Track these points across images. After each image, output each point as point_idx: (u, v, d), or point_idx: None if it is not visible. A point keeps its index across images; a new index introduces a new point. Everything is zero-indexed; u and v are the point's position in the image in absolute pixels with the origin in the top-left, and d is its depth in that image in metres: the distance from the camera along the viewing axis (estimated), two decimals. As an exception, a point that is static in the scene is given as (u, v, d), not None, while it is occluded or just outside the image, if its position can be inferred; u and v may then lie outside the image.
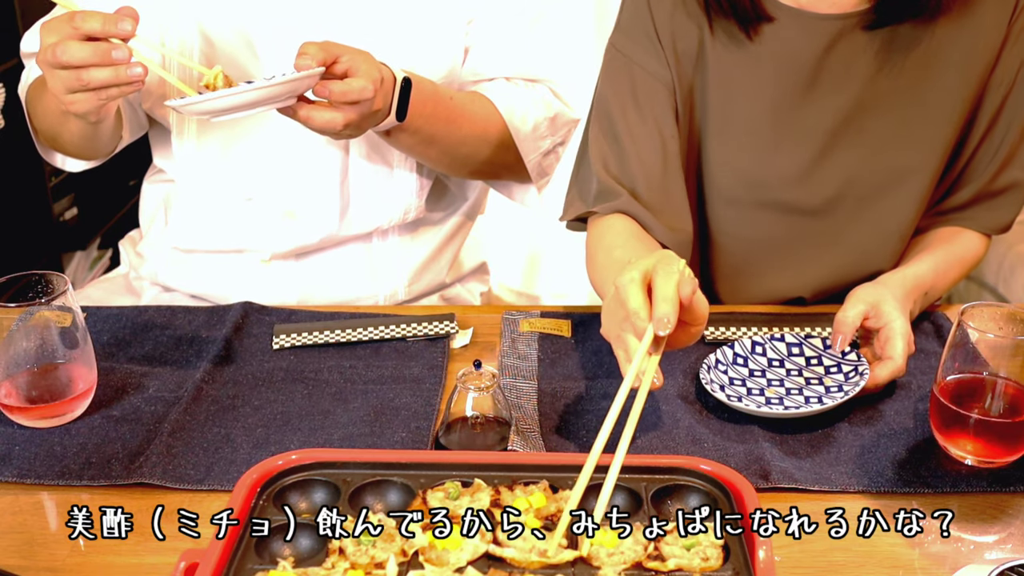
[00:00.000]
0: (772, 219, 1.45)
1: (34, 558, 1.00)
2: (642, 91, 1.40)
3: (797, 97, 1.38)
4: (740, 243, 1.48)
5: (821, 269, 1.46)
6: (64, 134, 1.49)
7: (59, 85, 1.25)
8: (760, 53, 1.38)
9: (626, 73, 1.42)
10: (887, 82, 1.35)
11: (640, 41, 1.41)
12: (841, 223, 1.44)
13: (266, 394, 1.25)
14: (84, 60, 1.22)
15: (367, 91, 1.29)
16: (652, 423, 1.18)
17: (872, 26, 1.34)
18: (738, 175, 1.43)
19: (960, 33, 1.34)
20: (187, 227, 1.59)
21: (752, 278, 1.49)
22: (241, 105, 1.26)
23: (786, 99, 1.38)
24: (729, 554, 0.88)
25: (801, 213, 1.43)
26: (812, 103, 1.38)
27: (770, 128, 1.40)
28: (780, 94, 1.39)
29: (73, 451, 1.14)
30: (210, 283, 1.59)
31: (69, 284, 1.17)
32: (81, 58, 1.21)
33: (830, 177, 1.41)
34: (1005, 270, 2.65)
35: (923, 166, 1.40)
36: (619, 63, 1.43)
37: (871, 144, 1.39)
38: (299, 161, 1.52)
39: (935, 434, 1.12)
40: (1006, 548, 1.01)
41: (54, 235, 2.81)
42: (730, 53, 1.39)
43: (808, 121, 1.39)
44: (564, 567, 0.87)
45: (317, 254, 1.59)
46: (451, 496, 0.95)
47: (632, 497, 0.95)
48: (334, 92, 1.29)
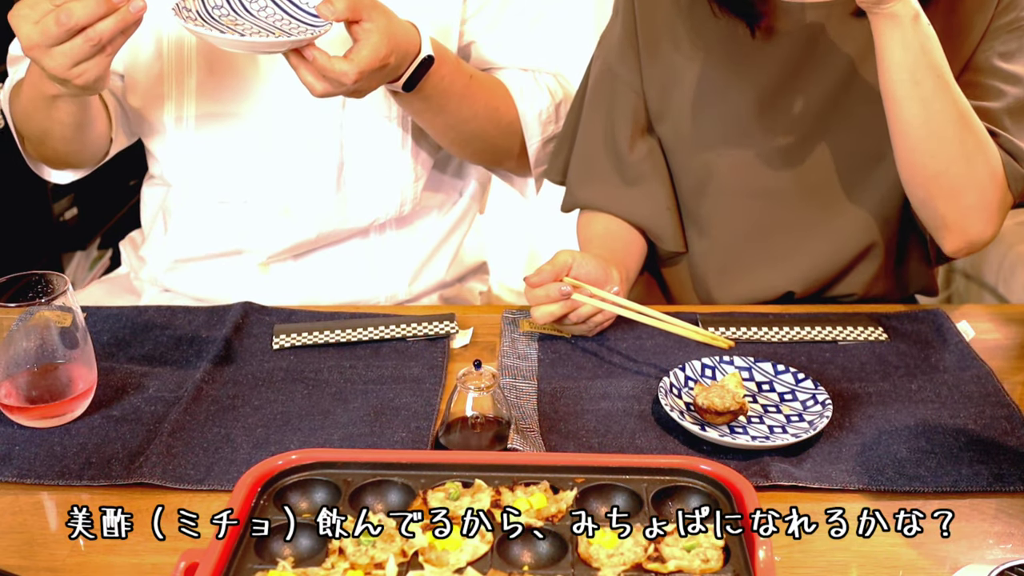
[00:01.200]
0: (758, 207, 1.46)
1: (34, 558, 1.00)
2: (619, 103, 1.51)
3: (784, 84, 1.40)
4: (728, 235, 1.49)
5: (808, 258, 1.47)
6: (54, 128, 1.45)
7: (64, 61, 1.21)
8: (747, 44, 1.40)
9: (608, 85, 1.49)
10: (871, 67, 1.36)
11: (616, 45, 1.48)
12: (827, 208, 1.45)
13: (266, 394, 1.25)
14: (92, 15, 1.18)
15: (346, 76, 1.26)
16: (652, 424, 1.18)
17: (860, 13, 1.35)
18: (724, 162, 1.45)
19: (946, 24, 1.35)
20: (186, 233, 1.59)
21: (741, 273, 1.50)
22: (245, 46, 1.25)
23: (773, 86, 1.40)
24: (729, 555, 0.88)
25: (788, 199, 1.45)
26: (799, 89, 1.39)
27: (756, 115, 1.41)
28: (766, 81, 1.40)
29: (73, 451, 1.14)
30: (210, 288, 1.58)
31: (69, 284, 1.17)
32: (88, 14, 1.18)
33: (816, 162, 1.42)
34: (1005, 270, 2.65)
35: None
36: (598, 67, 1.53)
37: (856, 129, 1.40)
38: (293, 155, 1.52)
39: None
40: (1006, 548, 1.01)
41: (54, 235, 2.81)
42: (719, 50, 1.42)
43: (795, 107, 1.40)
44: (564, 567, 0.87)
45: (316, 253, 1.59)
46: (451, 496, 0.95)
47: (632, 498, 0.95)
48: (319, 64, 1.26)
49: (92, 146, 1.54)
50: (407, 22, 1.36)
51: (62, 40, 1.20)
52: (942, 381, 1.25)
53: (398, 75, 1.37)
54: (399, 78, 1.38)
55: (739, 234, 1.49)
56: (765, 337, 1.35)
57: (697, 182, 1.49)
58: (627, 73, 1.49)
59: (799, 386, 1.22)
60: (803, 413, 1.18)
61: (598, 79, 1.53)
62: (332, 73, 1.26)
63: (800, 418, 1.17)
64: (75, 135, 1.48)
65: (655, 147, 1.51)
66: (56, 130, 1.46)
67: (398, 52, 1.32)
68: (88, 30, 1.19)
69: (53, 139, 1.49)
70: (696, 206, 1.51)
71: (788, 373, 1.23)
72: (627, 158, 1.49)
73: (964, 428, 1.16)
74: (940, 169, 1.31)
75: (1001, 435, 1.15)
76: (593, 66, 1.56)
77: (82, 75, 1.24)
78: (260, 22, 1.32)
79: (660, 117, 1.49)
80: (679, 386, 1.22)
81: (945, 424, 1.17)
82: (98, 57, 1.22)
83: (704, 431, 1.13)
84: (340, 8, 1.26)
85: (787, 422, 1.17)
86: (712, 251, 1.52)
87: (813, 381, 1.22)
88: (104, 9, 1.18)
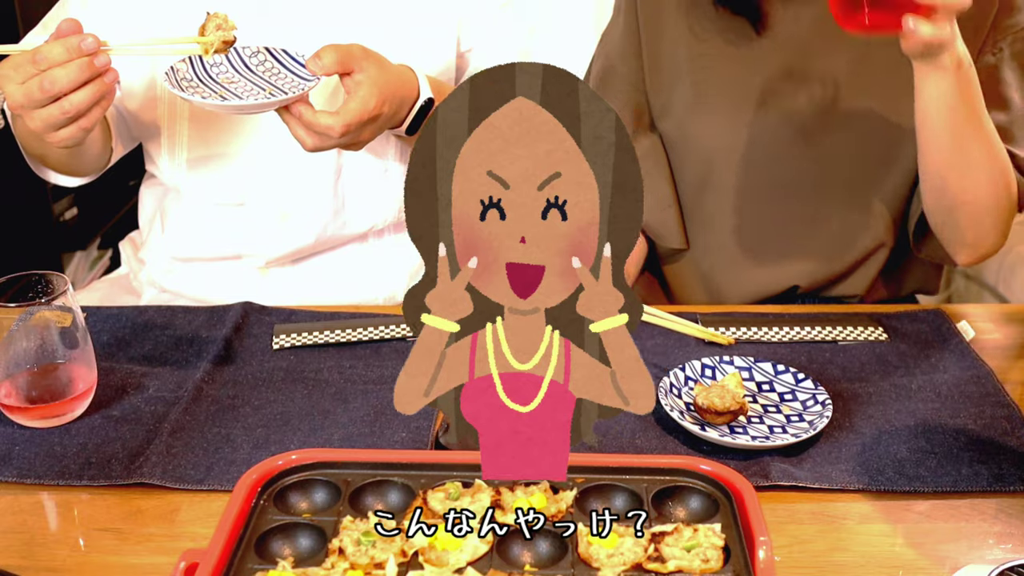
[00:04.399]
0: (762, 203, 1.46)
1: (34, 558, 1.00)
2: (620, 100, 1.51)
3: (786, 79, 1.40)
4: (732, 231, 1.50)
5: (811, 253, 1.47)
6: (50, 156, 1.48)
7: (42, 125, 1.22)
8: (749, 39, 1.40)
9: (609, 82, 1.50)
10: (875, 65, 1.36)
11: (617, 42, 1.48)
12: (831, 204, 1.45)
13: (266, 394, 1.25)
14: (74, 82, 1.18)
15: (332, 130, 1.27)
16: (652, 424, 1.18)
17: None
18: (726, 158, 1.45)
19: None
20: (183, 235, 1.59)
21: (747, 268, 1.50)
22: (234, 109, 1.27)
23: (774, 81, 1.40)
24: (729, 555, 0.88)
25: (791, 195, 1.45)
26: (801, 85, 1.40)
27: (758, 110, 1.42)
28: (768, 77, 1.40)
29: (73, 451, 1.14)
30: (209, 291, 1.58)
31: (69, 284, 1.17)
32: (71, 81, 1.18)
33: (819, 158, 1.43)
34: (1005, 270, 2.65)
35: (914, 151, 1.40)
36: (600, 64, 1.53)
37: (861, 128, 1.41)
38: (291, 162, 1.52)
39: None
40: (1006, 548, 1.01)
41: (54, 235, 2.81)
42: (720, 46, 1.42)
43: (797, 102, 1.41)
44: (564, 567, 0.87)
45: (315, 258, 1.59)
46: (451, 496, 0.95)
47: (632, 498, 0.95)
48: (305, 119, 1.27)
49: (92, 164, 1.56)
50: (402, 67, 1.36)
51: (44, 105, 1.20)
52: (942, 381, 1.25)
53: (399, 121, 1.38)
54: (402, 123, 1.38)
55: (743, 230, 1.49)
56: (765, 337, 1.35)
57: (699, 179, 1.49)
58: (629, 70, 1.49)
59: (799, 386, 1.22)
60: (803, 413, 1.18)
61: (599, 76, 1.53)
62: (318, 128, 1.27)
63: (800, 418, 1.17)
64: (71, 160, 1.50)
65: (657, 144, 1.51)
66: (53, 154, 1.48)
67: (392, 101, 1.32)
68: (63, 100, 1.19)
69: (51, 161, 1.52)
70: (699, 203, 1.51)
71: (788, 373, 1.23)
72: None
73: (964, 428, 1.16)
74: (967, 200, 1.33)
75: (1001, 435, 1.15)
76: (594, 64, 1.56)
77: (61, 140, 1.24)
78: (257, 78, 1.33)
79: (662, 113, 1.49)
80: (679, 386, 1.22)
81: (945, 424, 1.17)
82: (73, 126, 1.22)
83: (704, 431, 1.13)
84: (327, 63, 1.27)
85: (787, 422, 1.17)
86: (717, 247, 1.52)
87: (813, 381, 1.22)
88: (87, 75, 1.19)
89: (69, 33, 1.19)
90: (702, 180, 1.49)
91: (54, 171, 1.56)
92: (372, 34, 1.46)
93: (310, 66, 1.28)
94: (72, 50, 1.17)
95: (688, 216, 1.53)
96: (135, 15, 1.48)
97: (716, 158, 1.46)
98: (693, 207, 1.52)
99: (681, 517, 0.93)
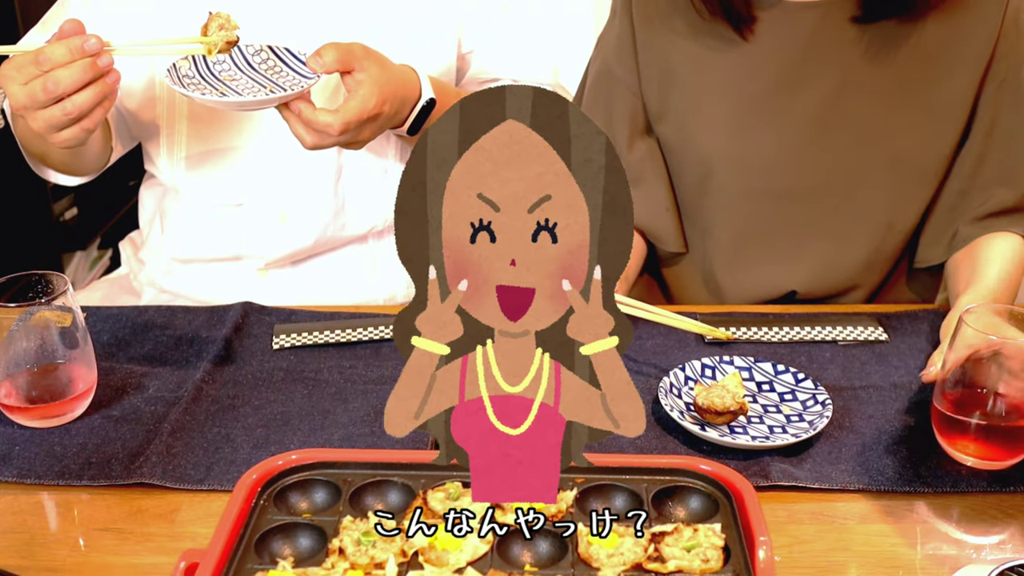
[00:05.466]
0: (760, 206, 1.46)
1: (34, 558, 1.00)
2: (617, 103, 1.51)
3: (782, 84, 1.40)
4: (731, 234, 1.49)
5: (811, 259, 1.47)
6: (50, 155, 1.48)
7: (44, 125, 1.22)
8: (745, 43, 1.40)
9: (606, 85, 1.49)
10: (874, 70, 1.36)
11: (614, 45, 1.48)
12: (829, 211, 1.45)
13: (266, 394, 1.25)
14: (78, 83, 1.18)
15: (331, 128, 1.27)
16: (652, 424, 1.18)
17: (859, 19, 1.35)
18: (724, 162, 1.45)
19: (953, 28, 1.35)
20: (183, 235, 1.59)
21: (746, 270, 1.50)
22: (234, 105, 1.27)
23: (771, 86, 1.40)
24: (729, 555, 0.88)
25: (789, 200, 1.45)
26: (798, 90, 1.40)
27: (755, 115, 1.42)
28: (765, 81, 1.40)
29: (73, 451, 1.14)
30: (209, 292, 1.58)
31: (69, 284, 1.17)
32: (75, 81, 1.18)
33: (817, 163, 1.42)
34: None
35: (917, 157, 1.40)
36: (596, 68, 1.53)
37: (859, 132, 1.40)
38: (291, 163, 1.52)
39: (936, 436, 1.12)
40: (1006, 548, 1.01)
41: (54, 235, 2.81)
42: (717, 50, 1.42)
43: (794, 108, 1.40)
44: (564, 567, 0.87)
45: (314, 260, 1.59)
46: (451, 496, 0.95)
47: (632, 498, 0.95)
48: (304, 117, 1.27)
49: (92, 163, 1.56)
50: (404, 67, 1.36)
51: (47, 106, 1.20)
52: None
53: (400, 121, 1.38)
54: (403, 123, 1.38)
55: (741, 233, 1.49)
56: (765, 337, 1.35)
57: (697, 182, 1.49)
58: (625, 74, 1.49)
59: (799, 386, 1.22)
60: (803, 413, 1.18)
61: (596, 80, 1.53)
62: (317, 125, 1.27)
63: (800, 418, 1.17)
64: (72, 159, 1.50)
65: (654, 147, 1.51)
66: (54, 154, 1.48)
67: (393, 100, 1.33)
68: (65, 101, 1.19)
69: (51, 160, 1.52)
70: (697, 206, 1.51)
71: (788, 373, 1.23)
72: (626, 158, 1.49)
73: (964, 428, 1.16)
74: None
75: (1001, 435, 1.15)
76: (591, 67, 1.56)
77: (63, 141, 1.24)
78: (258, 75, 1.33)
79: (659, 117, 1.49)
80: (679, 386, 1.22)
81: (945, 424, 1.17)
82: (76, 127, 1.22)
83: (704, 431, 1.13)
84: (328, 61, 1.27)
85: (787, 422, 1.17)
86: (716, 250, 1.52)
87: (813, 381, 1.22)
88: (90, 76, 1.19)
89: (72, 34, 1.19)
90: (701, 184, 1.49)
91: (54, 170, 1.56)
92: (373, 35, 1.46)
93: (311, 64, 1.28)
94: (75, 51, 1.17)
95: (687, 219, 1.53)
96: (136, 14, 1.48)
97: (715, 162, 1.46)
98: (692, 211, 1.52)
99: (681, 517, 0.93)
